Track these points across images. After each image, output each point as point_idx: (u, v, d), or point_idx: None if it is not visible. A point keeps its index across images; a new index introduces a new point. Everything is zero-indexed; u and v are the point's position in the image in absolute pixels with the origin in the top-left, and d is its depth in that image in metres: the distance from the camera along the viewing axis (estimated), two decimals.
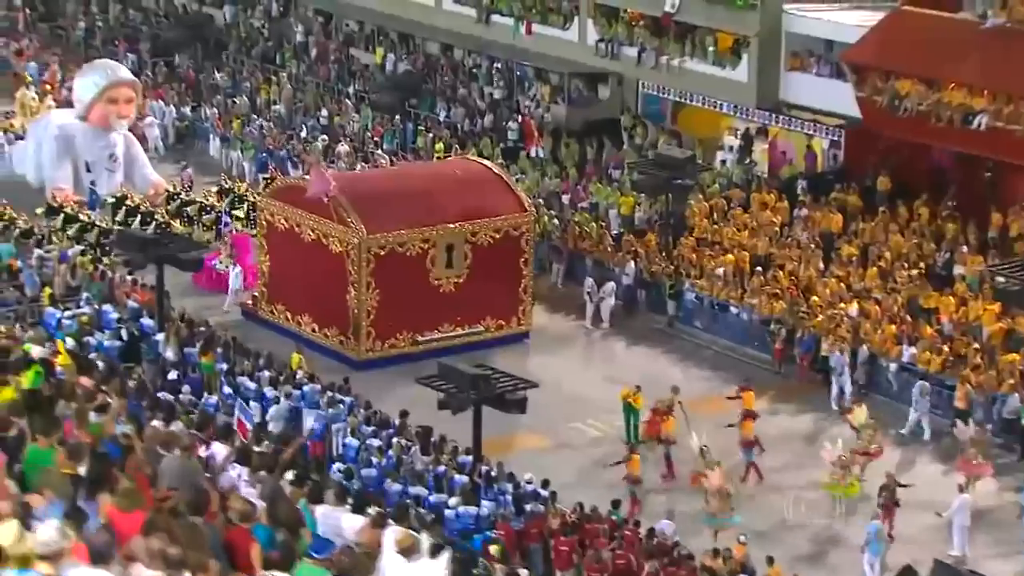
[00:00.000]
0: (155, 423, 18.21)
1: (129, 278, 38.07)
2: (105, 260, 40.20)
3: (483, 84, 53.51)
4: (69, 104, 50.34)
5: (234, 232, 41.83)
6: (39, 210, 43.30)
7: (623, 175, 45.06)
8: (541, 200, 43.31)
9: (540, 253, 39.97)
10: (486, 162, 39.89)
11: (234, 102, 53.90)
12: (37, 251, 39.84)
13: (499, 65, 53.86)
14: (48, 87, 53.93)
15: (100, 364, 25.91)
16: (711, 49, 46.86)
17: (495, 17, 53.84)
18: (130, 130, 47.67)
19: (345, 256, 35.48)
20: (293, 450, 19.48)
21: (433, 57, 55.72)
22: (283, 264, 37.16)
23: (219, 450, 17.36)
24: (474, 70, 54.36)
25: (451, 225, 35.95)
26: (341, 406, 31.12)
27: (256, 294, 38.27)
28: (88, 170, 46.76)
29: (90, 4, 64.84)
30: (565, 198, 44.56)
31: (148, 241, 35.29)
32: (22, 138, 49.13)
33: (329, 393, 31.57)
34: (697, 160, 42.73)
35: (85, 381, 18.88)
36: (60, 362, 21.80)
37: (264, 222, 37.71)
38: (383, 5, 56.74)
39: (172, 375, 33.30)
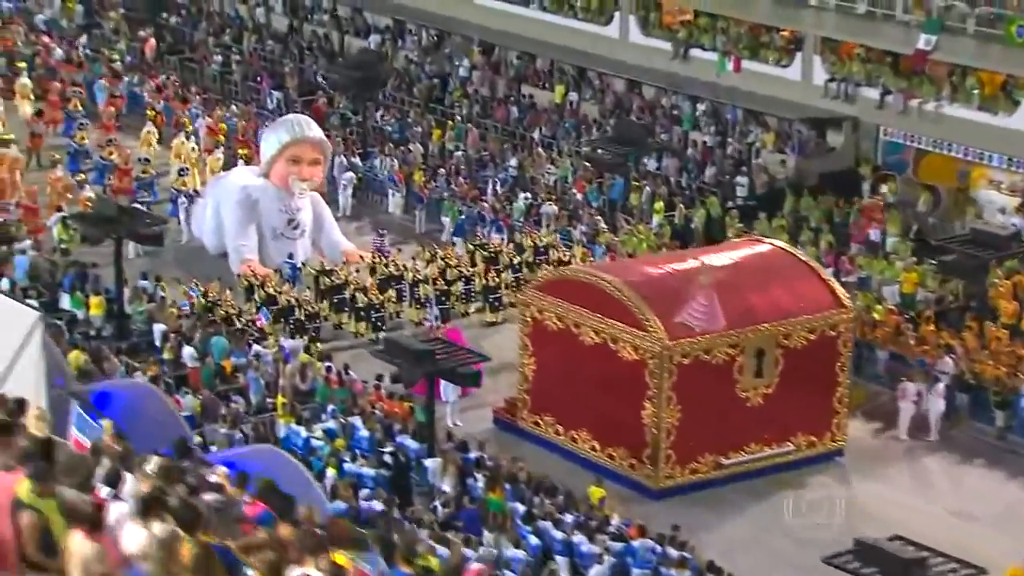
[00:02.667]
0: None
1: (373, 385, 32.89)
2: (315, 347, 35.09)
3: (687, 128, 47.99)
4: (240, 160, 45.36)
5: (445, 328, 36.36)
6: (231, 289, 37.99)
7: (898, 243, 39.47)
8: None
9: None
10: (783, 244, 34.29)
11: (408, 150, 48.36)
12: (256, 347, 34.52)
13: (702, 107, 48.38)
14: (212, 134, 48.49)
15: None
16: (975, 92, 41.35)
17: (694, 51, 48.43)
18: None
19: (641, 365, 29.99)
20: None
21: (620, 96, 50.23)
22: (554, 369, 31.77)
23: None
24: (674, 111, 48.84)
25: (763, 327, 30.47)
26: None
27: (516, 401, 32.79)
28: (272, 237, 41.50)
29: (222, 34, 59.25)
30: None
31: (422, 354, 29.77)
32: (187, 195, 43.91)
33: (672, 552, 26.12)
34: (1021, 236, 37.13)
35: None
36: None
37: (530, 319, 32.23)
38: (557, 37, 51.35)
39: (439, 507, 28.20)
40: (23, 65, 52.17)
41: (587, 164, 45.93)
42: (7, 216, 41.09)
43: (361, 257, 40.96)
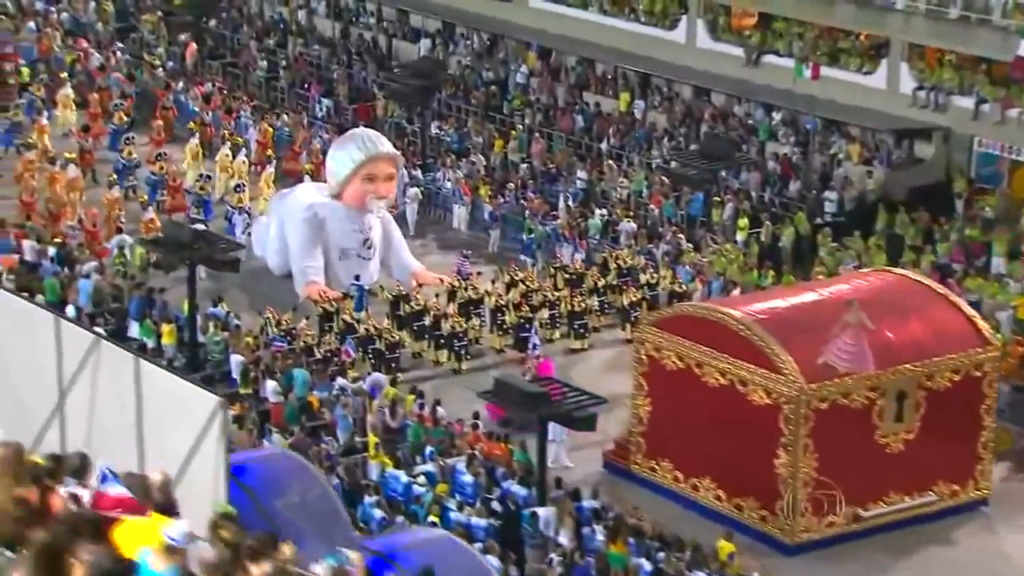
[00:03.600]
0: None
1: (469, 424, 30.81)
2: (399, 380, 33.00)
3: (763, 139, 45.85)
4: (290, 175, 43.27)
5: (540, 359, 34.19)
6: (307, 318, 35.84)
7: (1010, 264, 37.40)
8: None
9: None
10: (918, 276, 32.09)
11: (472, 162, 46.19)
12: (340, 381, 32.37)
13: (777, 116, 46.25)
14: (261, 148, 46.29)
15: None
16: None
17: (768, 57, 46.34)
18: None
19: (775, 410, 27.85)
20: None
21: (689, 104, 48.12)
22: (672, 412, 29.64)
23: None
24: (748, 121, 46.70)
25: (905, 367, 28.32)
26: None
27: (629, 443, 30.62)
28: (340, 258, 39.34)
29: (265, 38, 56.94)
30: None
31: (536, 397, 27.62)
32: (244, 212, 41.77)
33: None
34: None
35: None
36: None
37: (645, 357, 30.05)
38: (619, 41, 49.28)
39: (556, 560, 26.18)
40: (65, 75, 49.80)
41: (664, 178, 43.77)
42: (69, 238, 38.88)
43: (440, 280, 38.91)
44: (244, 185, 42.98)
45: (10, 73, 49.82)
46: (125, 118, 47.03)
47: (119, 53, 54.53)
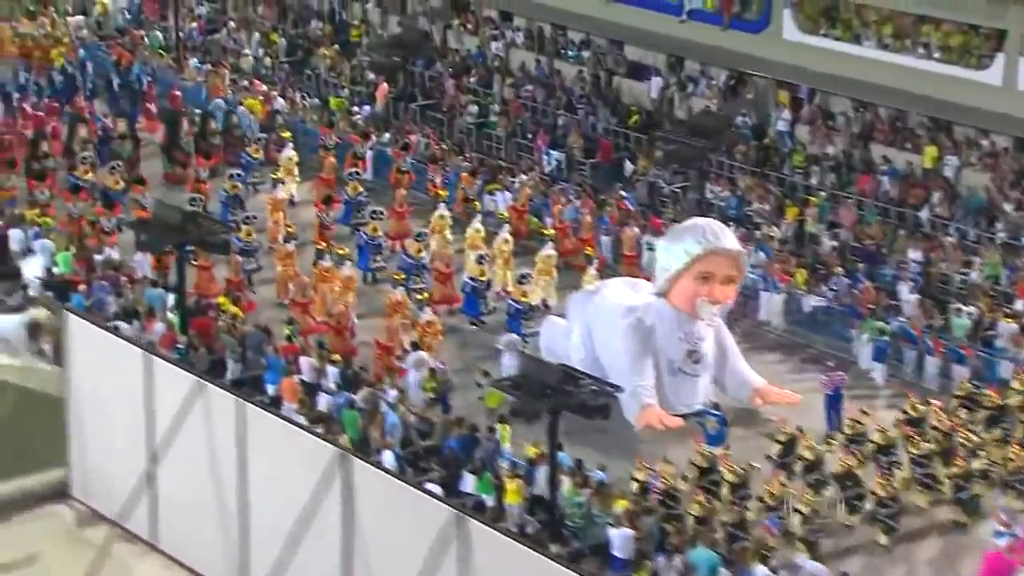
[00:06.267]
0: None
1: None
2: None
3: None
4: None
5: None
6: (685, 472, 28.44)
7: None
8: None
9: None
10: None
11: (770, 236, 38.69)
12: (760, 568, 25.10)
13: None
14: (517, 218, 38.81)
15: None
16: None
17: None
18: None
19: None
20: None
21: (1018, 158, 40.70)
22: None
23: None
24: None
25: None
26: None
27: None
28: (669, 373, 31.96)
29: (465, 76, 49.16)
30: None
31: None
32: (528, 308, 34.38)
33: None
34: None
35: None
36: None
37: None
38: (907, 82, 41.83)
39: None
40: (288, 134, 42.02)
41: None
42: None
43: (793, 398, 31.78)
44: (530, 276, 35.36)
45: (214, 131, 42.17)
46: (360, 188, 39.33)
47: (305, 97, 46.99)
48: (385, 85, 48.00)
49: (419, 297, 33.95)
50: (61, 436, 27.78)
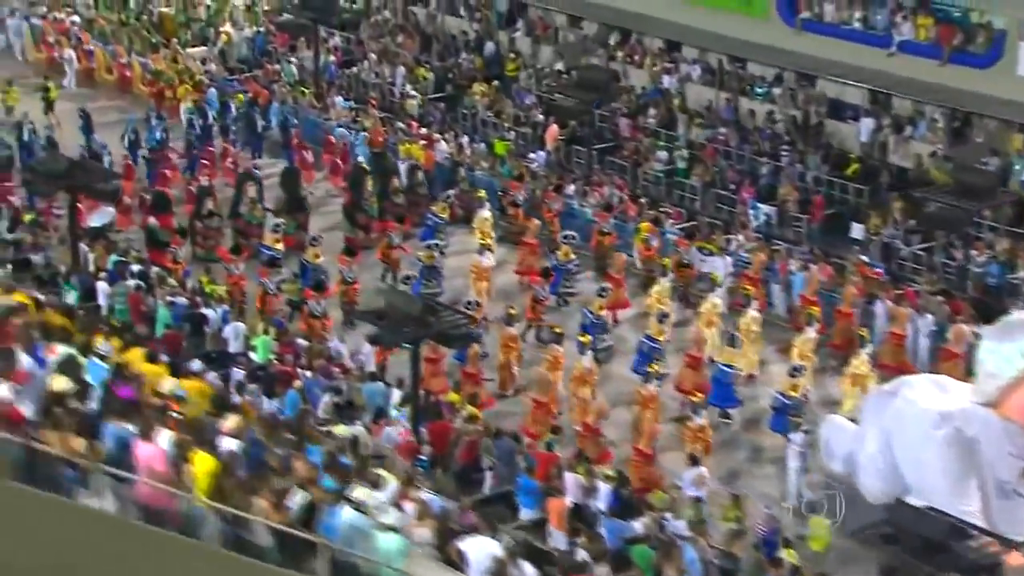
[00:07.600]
0: None
1: None
2: None
3: None
4: None
5: None
6: None
7: None
8: None
9: None
10: None
11: None
12: None
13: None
14: (753, 287, 33.50)
15: None
16: None
17: None
18: None
19: None
20: None
21: None
22: None
23: None
24: None
25: None
26: None
27: None
28: (998, 496, 26.51)
29: (642, 115, 43.83)
30: None
31: None
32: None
33: None
34: None
35: None
36: None
37: None
38: None
39: None
40: (482, 194, 36.53)
41: None
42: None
43: None
44: (804, 368, 30.00)
45: (396, 190, 36.81)
46: (571, 255, 34.00)
47: (472, 143, 41.64)
48: (555, 127, 42.72)
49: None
50: None
